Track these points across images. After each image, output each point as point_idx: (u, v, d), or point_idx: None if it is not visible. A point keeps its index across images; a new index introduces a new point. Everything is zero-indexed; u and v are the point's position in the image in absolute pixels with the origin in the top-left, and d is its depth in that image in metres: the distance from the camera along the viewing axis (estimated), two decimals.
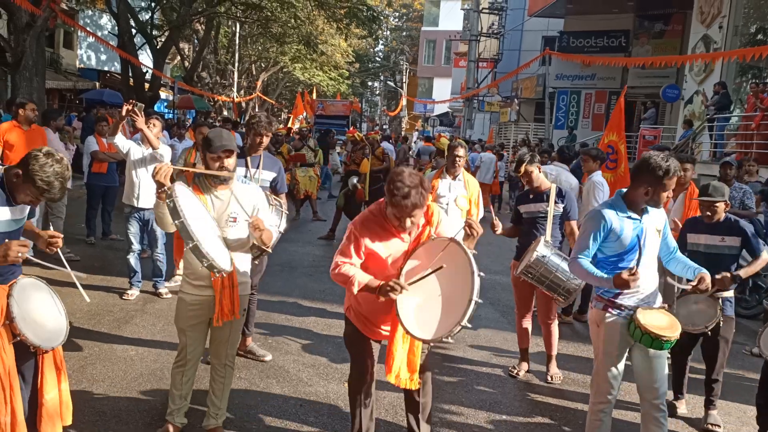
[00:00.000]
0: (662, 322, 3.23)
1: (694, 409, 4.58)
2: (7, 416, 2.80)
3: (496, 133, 28.42)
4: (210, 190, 3.37)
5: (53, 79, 20.39)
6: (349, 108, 31.12)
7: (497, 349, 5.66)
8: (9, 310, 2.80)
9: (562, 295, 4.52)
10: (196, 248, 2.98)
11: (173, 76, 29.31)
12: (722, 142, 13.61)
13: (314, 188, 12.02)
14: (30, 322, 2.87)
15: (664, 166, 3.12)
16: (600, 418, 3.45)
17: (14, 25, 11.96)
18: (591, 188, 6.31)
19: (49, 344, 2.95)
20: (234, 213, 3.36)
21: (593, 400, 3.48)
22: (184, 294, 3.47)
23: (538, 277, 4.50)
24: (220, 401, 3.59)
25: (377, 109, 69.03)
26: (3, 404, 2.79)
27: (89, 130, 11.13)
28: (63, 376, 3.11)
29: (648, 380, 3.36)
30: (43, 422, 3.02)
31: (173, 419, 3.57)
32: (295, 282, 7.45)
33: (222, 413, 3.63)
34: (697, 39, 16.25)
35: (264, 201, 3.55)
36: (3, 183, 2.85)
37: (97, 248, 8.32)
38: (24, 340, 2.82)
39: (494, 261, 9.42)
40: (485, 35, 31.04)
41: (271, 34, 25.18)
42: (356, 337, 3.39)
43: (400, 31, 60.64)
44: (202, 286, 3.38)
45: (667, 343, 3.18)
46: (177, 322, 3.55)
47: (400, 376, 3.18)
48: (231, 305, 3.35)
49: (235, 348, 3.64)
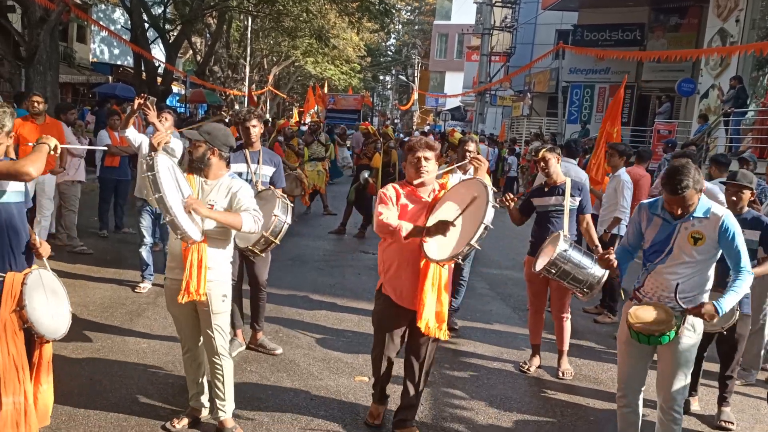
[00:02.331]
0: (654, 317, 3.19)
1: (707, 406, 4.54)
2: (20, 396, 2.88)
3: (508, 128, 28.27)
4: (201, 176, 3.57)
5: (67, 73, 20.51)
6: (361, 102, 31.05)
7: (508, 344, 5.63)
8: (21, 298, 2.86)
9: (585, 290, 4.45)
10: (161, 199, 3.13)
11: (185, 70, 29.42)
12: (738, 137, 13.44)
13: (322, 182, 11.98)
14: (39, 311, 2.93)
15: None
16: (622, 413, 3.47)
17: (28, 19, 12.02)
18: (619, 185, 6.22)
19: (52, 335, 3.01)
20: (212, 200, 3.49)
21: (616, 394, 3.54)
22: (166, 280, 3.65)
23: (561, 273, 4.43)
24: (223, 393, 3.61)
25: (389, 103, 68.91)
26: (18, 385, 2.87)
27: (102, 124, 11.19)
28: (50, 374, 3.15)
29: (660, 383, 3.34)
30: (38, 411, 3.06)
31: (192, 403, 3.75)
32: (305, 276, 7.46)
33: (229, 405, 3.65)
34: (714, 32, 16.05)
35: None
36: None
37: (110, 241, 8.37)
38: (30, 327, 2.89)
39: (505, 257, 9.39)
40: (498, 29, 30.83)
41: (283, 28, 25.19)
42: (386, 312, 3.64)
43: (412, 24, 60.39)
44: (177, 270, 3.49)
45: (662, 337, 3.13)
46: (168, 308, 3.72)
47: (429, 325, 3.43)
48: (197, 285, 3.40)
49: (226, 338, 3.64)
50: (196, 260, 3.40)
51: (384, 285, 3.66)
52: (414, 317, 3.48)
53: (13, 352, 2.85)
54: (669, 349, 3.24)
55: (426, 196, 3.57)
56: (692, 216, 3.19)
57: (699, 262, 3.21)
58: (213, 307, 3.51)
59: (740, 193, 4.21)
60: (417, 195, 3.57)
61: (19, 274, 2.93)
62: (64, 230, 7.64)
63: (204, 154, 3.52)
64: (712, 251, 3.21)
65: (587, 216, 4.95)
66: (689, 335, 3.24)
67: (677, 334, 3.18)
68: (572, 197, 4.82)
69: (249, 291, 4.97)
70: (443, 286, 3.50)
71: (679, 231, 3.22)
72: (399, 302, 3.58)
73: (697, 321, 3.23)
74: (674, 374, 3.27)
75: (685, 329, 3.21)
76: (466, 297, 6.21)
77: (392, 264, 3.58)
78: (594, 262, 4.40)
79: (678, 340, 3.22)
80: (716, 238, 3.16)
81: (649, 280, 3.35)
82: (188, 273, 3.39)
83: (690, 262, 3.21)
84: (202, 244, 3.39)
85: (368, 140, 11.09)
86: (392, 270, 3.59)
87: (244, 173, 4.64)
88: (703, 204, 3.21)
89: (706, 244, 3.18)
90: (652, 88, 21.01)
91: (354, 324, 5.83)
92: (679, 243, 3.21)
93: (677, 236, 3.22)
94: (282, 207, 4.37)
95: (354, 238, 10.13)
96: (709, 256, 3.23)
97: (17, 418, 2.86)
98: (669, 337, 3.15)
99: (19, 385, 2.87)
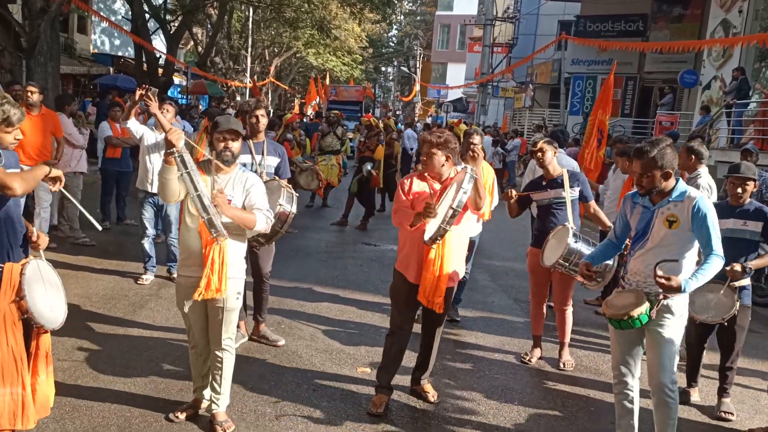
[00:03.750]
0: (623, 302, 3.26)
1: (707, 396, 4.56)
2: (18, 387, 2.89)
3: (510, 119, 28.21)
4: (211, 172, 3.49)
5: (68, 64, 20.44)
6: (363, 94, 30.97)
7: (510, 335, 5.65)
8: (20, 288, 2.88)
9: (597, 279, 4.47)
10: (199, 198, 3.13)
11: (186, 61, 29.33)
12: (740, 128, 13.40)
13: (335, 177, 11.79)
14: (38, 301, 2.95)
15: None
16: (617, 400, 3.54)
17: (29, 10, 11.97)
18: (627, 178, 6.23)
19: (51, 325, 3.03)
20: (230, 195, 3.43)
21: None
22: (179, 278, 3.58)
23: (572, 267, 4.46)
24: (220, 387, 3.60)
25: (390, 94, 68.73)
26: (16, 376, 2.88)
27: (103, 116, 11.18)
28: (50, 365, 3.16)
29: (648, 367, 3.40)
30: (37, 403, 3.07)
31: (197, 394, 3.76)
32: (308, 268, 7.47)
33: (224, 399, 3.64)
34: (716, 23, 15.97)
35: (259, 188, 3.58)
36: None
37: (112, 233, 8.38)
38: (30, 317, 2.90)
39: (507, 248, 9.40)
40: (500, 19, 30.67)
41: (285, 18, 25.09)
42: (398, 287, 3.98)
43: (414, 15, 60.12)
44: (195, 267, 3.45)
45: (634, 321, 3.17)
46: (178, 305, 3.65)
47: (428, 299, 3.81)
48: (219, 282, 3.38)
49: (232, 332, 3.63)
50: (218, 258, 3.36)
51: (398, 262, 4.02)
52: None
53: (11, 343, 2.86)
54: (650, 332, 3.32)
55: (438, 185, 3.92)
56: (669, 200, 3.28)
57: (673, 245, 3.25)
58: (227, 305, 3.49)
59: (744, 185, 4.22)
60: (431, 184, 3.93)
61: (17, 265, 2.94)
62: (66, 222, 7.65)
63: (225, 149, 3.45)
64: (687, 234, 3.25)
65: (591, 202, 4.95)
66: (668, 317, 3.29)
67: (650, 317, 3.21)
68: (572, 188, 4.82)
69: (252, 283, 4.99)
70: (445, 264, 3.80)
71: (656, 216, 3.30)
72: (407, 277, 3.91)
73: (675, 304, 3.27)
74: (657, 356, 3.32)
75: (662, 312, 3.26)
76: (467, 288, 6.22)
77: (405, 245, 3.96)
78: None
79: (658, 324, 3.28)
80: (689, 220, 3.21)
81: (630, 267, 3.43)
82: (210, 270, 3.35)
83: (666, 246, 3.26)
84: (224, 242, 3.36)
85: (371, 133, 11.05)
86: (405, 250, 3.96)
87: (248, 164, 4.65)
88: (679, 187, 3.29)
89: (680, 227, 3.24)
90: (654, 80, 20.93)
91: (356, 315, 5.85)
92: (657, 227, 3.29)
93: (655, 221, 3.30)
94: (287, 197, 4.37)
95: (356, 230, 10.14)
96: (684, 241, 3.26)
97: (14, 409, 2.88)
98: (640, 321, 3.19)
99: (17, 376, 2.88)
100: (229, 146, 3.44)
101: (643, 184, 3.29)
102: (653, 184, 3.26)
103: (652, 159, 3.22)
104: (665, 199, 3.29)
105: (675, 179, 3.32)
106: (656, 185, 3.27)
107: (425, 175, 3.93)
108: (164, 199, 3.46)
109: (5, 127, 2.94)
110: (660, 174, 3.23)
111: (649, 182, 3.26)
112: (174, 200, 3.41)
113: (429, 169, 3.88)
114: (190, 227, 3.45)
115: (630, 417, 3.50)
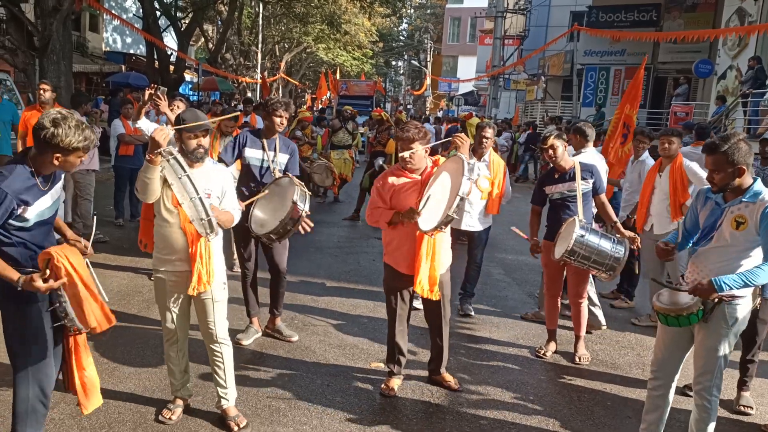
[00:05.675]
0: (678, 300, 3.17)
1: (726, 390, 4.48)
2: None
3: (522, 112, 28.03)
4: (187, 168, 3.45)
5: (80, 62, 20.59)
6: (373, 88, 30.91)
7: (524, 329, 5.61)
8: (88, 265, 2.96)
9: (608, 272, 4.42)
10: (200, 201, 3.13)
11: (197, 58, 29.43)
12: (756, 118, 13.21)
13: (349, 171, 11.75)
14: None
15: None
16: (650, 395, 3.46)
17: (41, 9, 12.05)
18: (643, 171, 6.11)
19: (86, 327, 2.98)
20: (208, 189, 3.43)
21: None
22: (160, 273, 3.54)
23: (581, 258, 4.40)
24: (225, 381, 3.60)
25: (401, 88, 68.57)
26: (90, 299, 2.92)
27: (116, 113, 11.23)
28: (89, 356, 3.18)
29: (695, 367, 3.28)
30: (87, 392, 3.12)
31: (180, 393, 3.71)
32: (320, 263, 7.47)
33: (231, 392, 3.64)
34: (731, 12, 15.75)
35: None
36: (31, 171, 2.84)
37: (126, 230, 8.43)
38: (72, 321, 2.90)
39: (520, 242, 9.31)
40: (511, 11, 30.50)
41: (295, 14, 25.12)
42: (391, 277, 4.13)
43: (424, 8, 59.89)
44: (179, 262, 3.45)
45: (681, 319, 3.09)
46: (158, 301, 3.63)
47: (423, 288, 3.89)
48: (207, 276, 3.40)
49: (225, 325, 3.62)
50: (205, 252, 3.40)
51: (386, 256, 4.18)
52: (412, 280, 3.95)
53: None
54: (699, 333, 3.21)
55: (417, 176, 4.00)
56: (741, 200, 3.10)
57: (738, 247, 3.10)
58: (215, 295, 3.52)
59: None
60: (408, 176, 4.01)
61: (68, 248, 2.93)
62: (80, 219, 7.69)
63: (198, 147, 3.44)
64: (753, 237, 3.07)
65: (601, 195, 4.88)
66: (722, 325, 3.15)
67: (704, 319, 3.11)
68: (584, 180, 4.76)
69: (269, 278, 4.99)
70: (437, 254, 3.92)
71: (725, 215, 3.14)
72: (399, 269, 4.06)
73: (732, 312, 3.13)
74: (702, 359, 3.21)
75: (718, 318, 3.13)
76: (481, 283, 6.19)
77: (392, 239, 4.09)
78: (614, 242, 4.38)
79: (709, 327, 3.16)
80: (757, 223, 3.03)
81: (690, 265, 3.31)
82: (200, 265, 3.38)
83: (729, 246, 3.11)
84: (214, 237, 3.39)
85: (381, 127, 11.02)
86: (393, 244, 4.10)
87: (261, 160, 4.68)
88: (755, 188, 3.09)
89: (747, 229, 3.06)
90: (668, 70, 20.70)
91: (369, 310, 5.83)
92: (724, 227, 3.13)
93: (723, 220, 3.14)
94: (300, 195, 4.35)
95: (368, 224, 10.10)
96: (750, 244, 3.09)
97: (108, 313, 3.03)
98: (689, 320, 3.10)
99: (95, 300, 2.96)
100: (201, 143, 3.43)
101: (715, 181, 3.08)
102: (725, 181, 3.06)
103: (724, 154, 3.00)
104: (738, 198, 3.11)
105: (752, 178, 3.11)
106: (729, 182, 3.06)
107: (400, 169, 4.02)
108: (143, 199, 3.38)
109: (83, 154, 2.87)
110: (732, 170, 3.03)
111: (721, 179, 3.05)
112: (154, 199, 3.35)
113: (415, 163, 3.94)
114: (171, 222, 3.43)
115: (658, 414, 3.43)
